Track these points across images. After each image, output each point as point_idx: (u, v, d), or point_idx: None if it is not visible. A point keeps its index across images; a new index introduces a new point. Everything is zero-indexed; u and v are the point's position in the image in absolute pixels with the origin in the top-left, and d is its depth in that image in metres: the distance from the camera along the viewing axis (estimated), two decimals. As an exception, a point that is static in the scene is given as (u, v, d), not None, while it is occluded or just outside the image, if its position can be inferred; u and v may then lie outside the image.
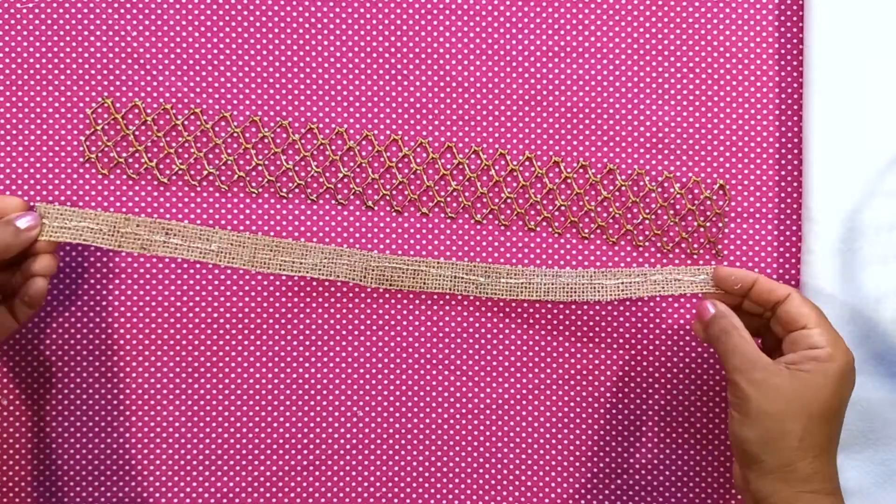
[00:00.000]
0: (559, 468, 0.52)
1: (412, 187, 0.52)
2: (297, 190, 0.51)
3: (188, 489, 0.52)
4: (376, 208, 0.52)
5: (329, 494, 0.52)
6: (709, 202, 0.51)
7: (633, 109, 0.51)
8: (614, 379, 0.52)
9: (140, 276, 0.52)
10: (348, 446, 0.52)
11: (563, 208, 0.51)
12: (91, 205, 0.51)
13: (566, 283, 0.50)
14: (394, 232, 0.52)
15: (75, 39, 0.51)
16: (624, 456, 0.52)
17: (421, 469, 0.52)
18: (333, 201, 0.52)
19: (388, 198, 0.52)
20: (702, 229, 0.51)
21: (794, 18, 0.51)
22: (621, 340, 0.52)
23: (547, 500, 0.52)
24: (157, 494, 0.52)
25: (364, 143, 0.52)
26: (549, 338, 0.52)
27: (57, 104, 0.51)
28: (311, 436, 0.52)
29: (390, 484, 0.52)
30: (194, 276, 0.52)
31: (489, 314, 0.52)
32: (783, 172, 0.51)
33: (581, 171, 0.51)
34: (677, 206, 0.51)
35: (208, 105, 0.51)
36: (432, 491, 0.52)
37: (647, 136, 0.51)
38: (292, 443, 0.52)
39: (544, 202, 0.52)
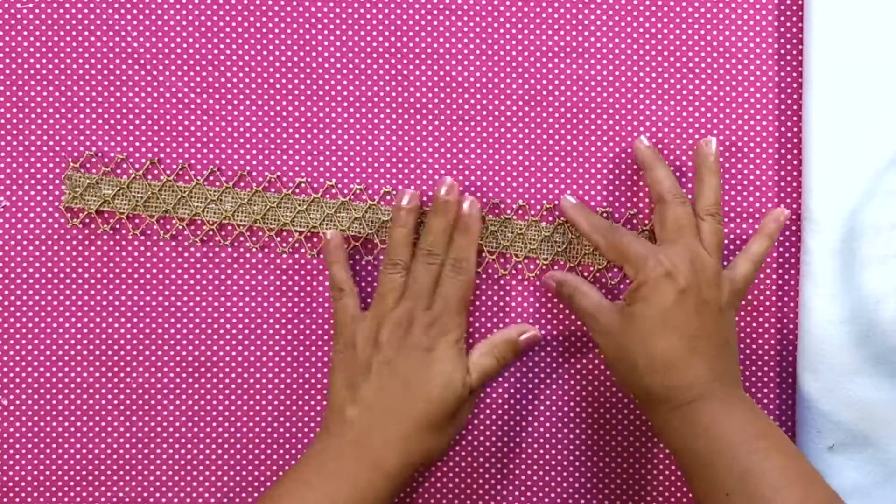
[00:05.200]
0: (559, 468, 0.52)
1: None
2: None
3: (188, 489, 0.52)
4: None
5: (329, 494, 0.52)
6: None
7: (632, 109, 0.51)
8: (614, 379, 0.52)
9: (140, 276, 0.52)
10: (348, 446, 0.52)
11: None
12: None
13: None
14: (394, 232, 0.52)
15: (75, 39, 0.51)
16: (624, 456, 0.52)
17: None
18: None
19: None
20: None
21: (794, 18, 0.51)
22: (621, 340, 0.52)
23: (547, 500, 0.52)
24: (158, 494, 0.52)
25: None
26: (549, 337, 0.52)
27: (57, 104, 0.51)
28: (311, 436, 0.52)
29: (390, 484, 0.52)
30: (194, 276, 0.52)
31: (489, 314, 0.52)
32: (783, 172, 0.51)
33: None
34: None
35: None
36: (432, 490, 0.52)
37: (647, 136, 0.51)
38: (292, 443, 0.52)
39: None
